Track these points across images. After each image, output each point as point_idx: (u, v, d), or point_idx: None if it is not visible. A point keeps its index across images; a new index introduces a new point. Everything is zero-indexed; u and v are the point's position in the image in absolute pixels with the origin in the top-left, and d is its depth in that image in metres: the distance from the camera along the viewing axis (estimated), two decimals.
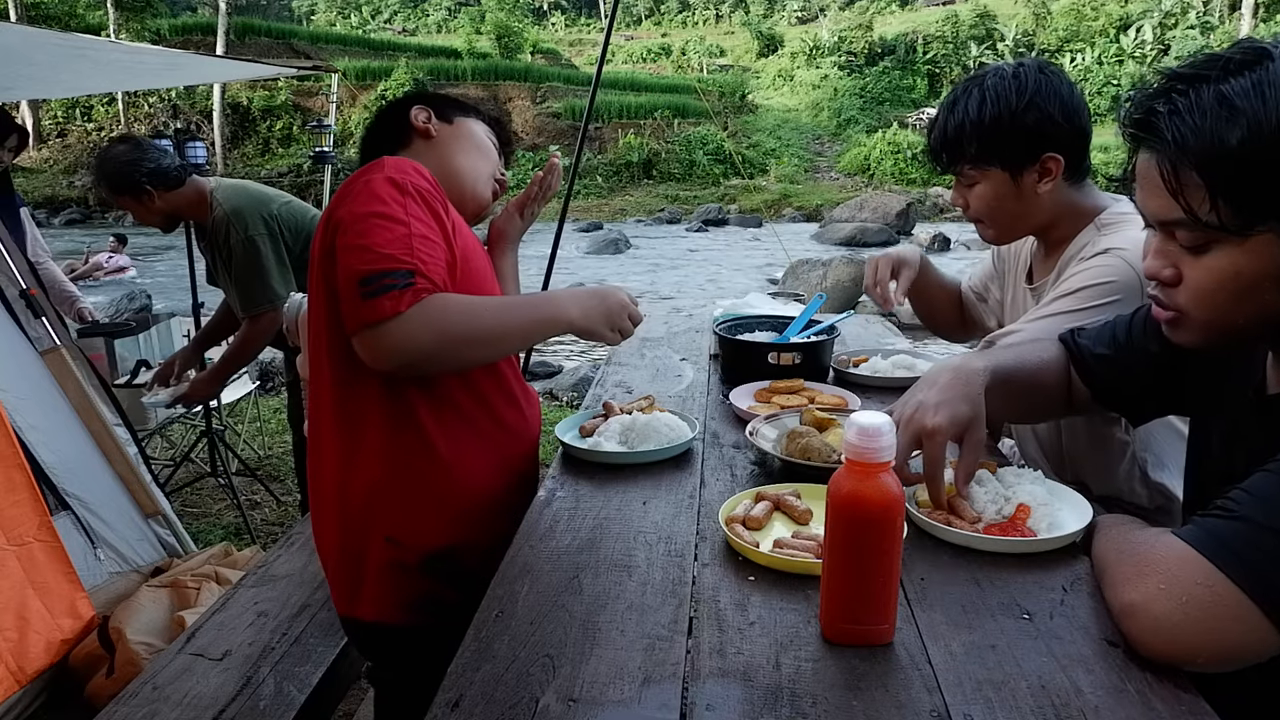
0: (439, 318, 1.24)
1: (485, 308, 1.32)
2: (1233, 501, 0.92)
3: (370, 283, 1.21)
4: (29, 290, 2.87)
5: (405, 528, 1.40)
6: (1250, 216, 0.91)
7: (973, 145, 1.58)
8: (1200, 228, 0.94)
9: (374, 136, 1.59)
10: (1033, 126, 1.54)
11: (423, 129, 1.54)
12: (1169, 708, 0.84)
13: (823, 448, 1.39)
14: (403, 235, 1.25)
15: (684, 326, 2.56)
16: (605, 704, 0.86)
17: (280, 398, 6.01)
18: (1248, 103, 0.89)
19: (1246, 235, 0.92)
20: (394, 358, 1.24)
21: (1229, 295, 0.96)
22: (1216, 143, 0.90)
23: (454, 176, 1.53)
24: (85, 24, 23.04)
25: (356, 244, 1.25)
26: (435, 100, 1.61)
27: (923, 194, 23.31)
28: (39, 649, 2.41)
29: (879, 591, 0.93)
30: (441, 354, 1.27)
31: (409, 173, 1.32)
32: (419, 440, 1.37)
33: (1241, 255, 0.94)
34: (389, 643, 1.48)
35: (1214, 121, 0.90)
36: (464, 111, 1.62)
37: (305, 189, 23.48)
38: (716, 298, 7.04)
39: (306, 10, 51.93)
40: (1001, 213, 1.64)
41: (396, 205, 1.27)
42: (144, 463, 3.11)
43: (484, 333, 1.31)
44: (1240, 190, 0.90)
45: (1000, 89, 1.55)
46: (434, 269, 1.26)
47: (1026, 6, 32.82)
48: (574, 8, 55.30)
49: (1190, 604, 0.88)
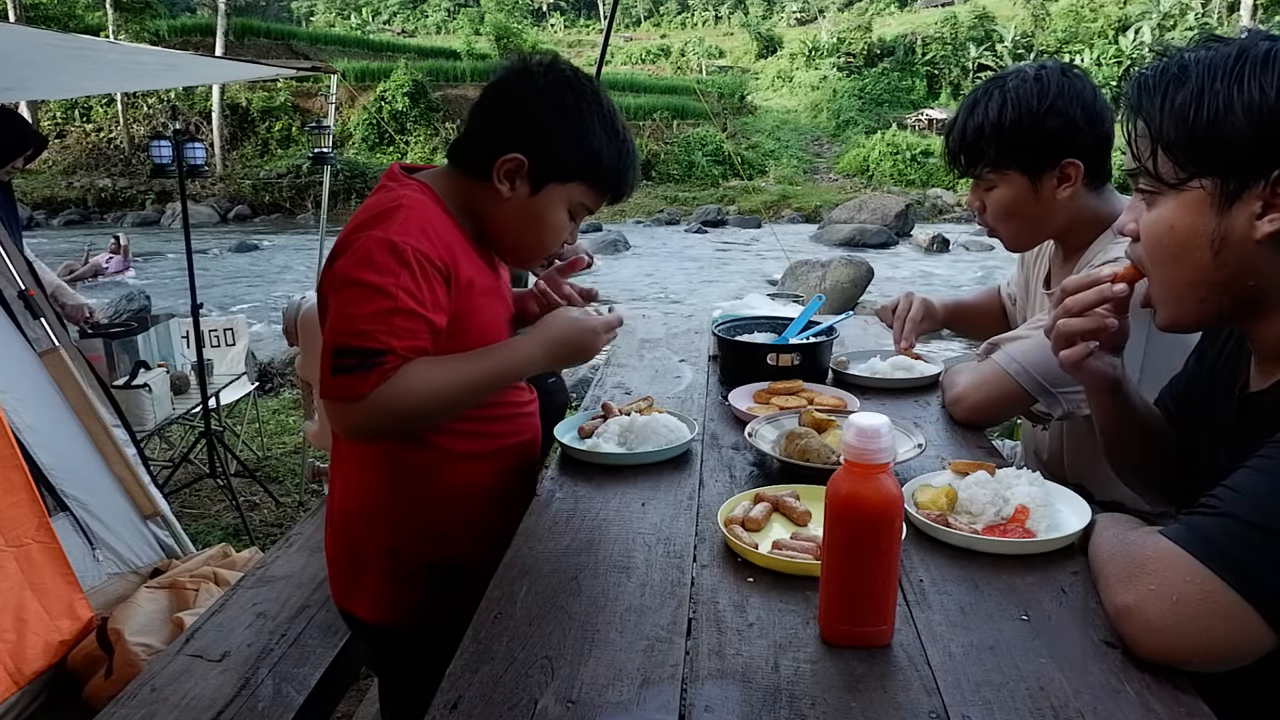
0: (400, 400, 1.22)
1: (449, 378, 1.28)
2: (1216, 499, 0.93)
3: (341, 356, 1.21)
4: (27, 291, 2.87)
5: (409, 540, 1.41)
6: (1184, 171, 1.00)
7: (992, 148, 1.56)
8: (1144, 174, 1.04)
9: (468, 146, 1.39)
10: (1053, 131, 1.52)
11: (497, 186, 1.34)
12: (1167, 709, 0.84)
13: (821, 449, 1.39)
14: (385, 310, 1.21)
15: (683, 328, 2.56)
16: (604, 705, 0.85)
17: (280, 398, 6.01)
18: (1199, 70, 0.99)
19: (1180, 188, 1.01)
20: (352, 434, 1.30)
21: (1165, 249, 1.05)
22: (1163, 99, 1.01)
23: (506, 236, 1.42)
24: (84, 25, 23.02)
25: (340, 309, 1.23)
26: (545, 152, 1.33)
27: (921, 195, 23.33)
28: (37, 650, 2.40)
29: (878, 593, 0.93)
30: (399, 429, 1.31)
31: (412, 234, 1.25)
32: (422, 451, 1.38)
33: (1177, 209, 1.02)
34: (391, 642, 1.49)
35: (1169, 81, 1.01)
36: (568, 174, 1.35)
37: (304, 190, 23.54)
38: (715, 299, 7.04)
39: (306, 11, 51.92)
40: (1019, 217, 1.63)
41: (388, 276, 1.21)
42: (143, 464, 3.10)
43: (447, 401, 1.30)
44: (1175, 144, 1.00)
45: (1022, 92, 1.53)
46: (411, 342, 1.23)
47: (1025, 8, 32.82)
48: (573, 9, 55.33)
49: (1181, 603, 0.88)
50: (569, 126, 1.34)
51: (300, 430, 4.84)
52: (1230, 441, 1.08)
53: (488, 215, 1.39)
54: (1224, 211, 0.98)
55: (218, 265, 15.73)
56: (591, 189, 1.39)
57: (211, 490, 4.24)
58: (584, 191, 1.39)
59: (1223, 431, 1.13)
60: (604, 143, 1.36)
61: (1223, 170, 0.97)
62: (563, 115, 1.34)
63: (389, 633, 1.47)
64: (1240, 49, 0.97)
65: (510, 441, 1.50)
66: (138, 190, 23.44)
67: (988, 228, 1.70)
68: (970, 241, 16.78)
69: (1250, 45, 0.97)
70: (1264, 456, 0.92)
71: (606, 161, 1.37)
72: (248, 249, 17.57)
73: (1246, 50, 0.96)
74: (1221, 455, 1.08)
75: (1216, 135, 0.96)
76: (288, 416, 5.54)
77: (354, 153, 24.92)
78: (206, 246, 17.22)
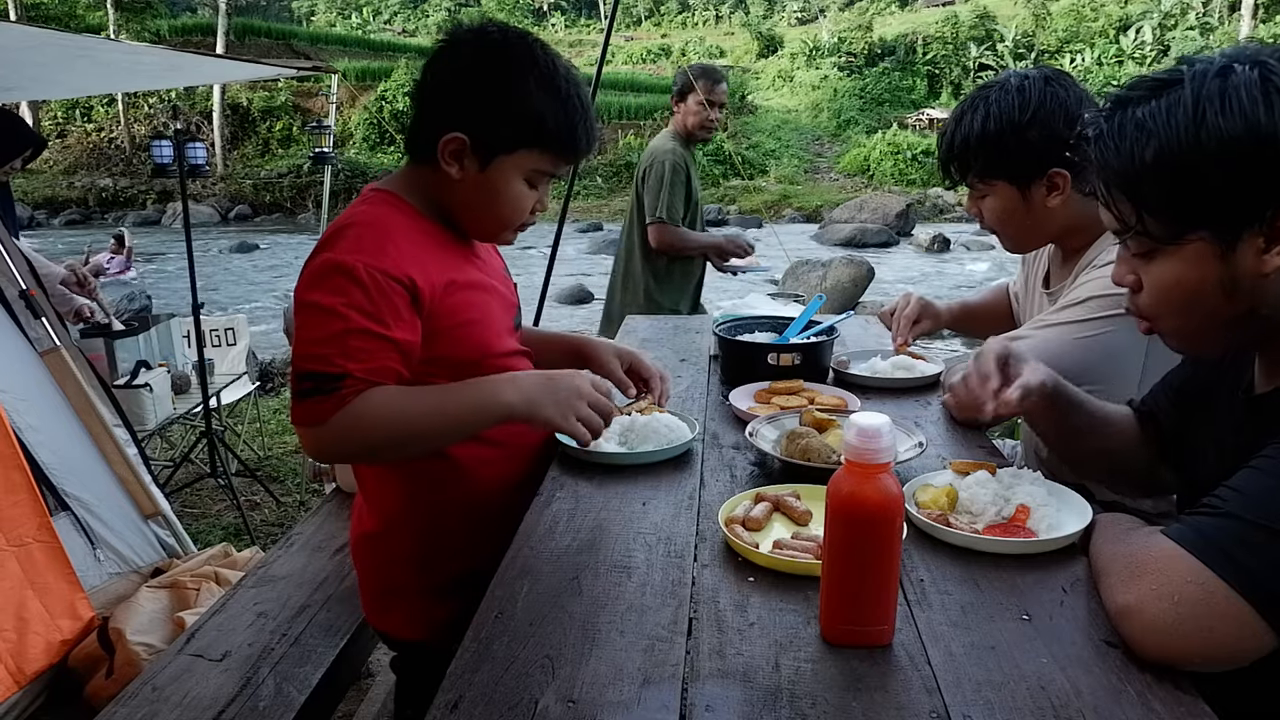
0: (362, 428, 1.19)
1: (415, 408, 1.24)
2: (1219, 499, 0.93)
3: (302, 380, 1.20)
4: (28, 291, 2.87)
5: (435, 553, 1.41)
6: (1177, 227, 0.97)
7: (978, 160, 1.58)
8: (1135, 235, 1.01)
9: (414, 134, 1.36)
10: (1035, 142, 1.52)
11: (444, 168, 1.31)
12: (1168, 709, 0.84)
13: (822, 448, 1.39)
14: (337, 332, 1.18)
15: (684, 327, 2.56)
16: (605, 705, 0.86)
17: (280, 398, 6.01)
18: (1159, 123, 0.95)
19: (1179, 244, 0.99)
20: (323, 458, 1.31)
21: (1176, 303, 1.02)
22: (1132, 161, 0.97)
23: (468, 217, 1.38)
24: (85, 24, 23.02)
25: (297, 334, 1.22)
26: (483, 125, 1.28)
27: (922, 195, 23.31)
28: (38, 650, 2.40)
29: (878, 592, 0.93)
30: (371, 456, 1.30)
31: (365, 251, 1.21)
32: (435, 461, 1.37)
33: (1180, 264, 1.00)
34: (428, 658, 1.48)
35: (1131, 142, 0.97)
36: (513, 144, 1.30)
37: (305, 190, 23.54)
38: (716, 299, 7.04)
39: (306, 11, 51.89)
40: (1013, 225, 1.64)
41: (337, 297, 1.18)
42: (144, 463, 3.10)
43: (410, 434, 1.25)
44: (1159, 203, 0.97)
45: (1004, 104, 1.53)
46: (370, 364, 1.19)
47: (1026, 7, 32.79)
48: (574, 8, 55.30)
49: (1182, 603, 0.88)
50: (502, 94, 1.28)
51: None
52: (1234, 442, 1.08)
53: (448, 201, 1.36)
54: (1228, 256, 0.96)
55: (219, 265, 15.74)
56: (543, 154, 1.32)
57: (212, 490, 4.24)
58: (536, 158, 1.32)
59: (1227, 432, 1.13)
60: (545, 103, 1.28)
61: (1215, 222, 0.95)
62: (494, 84, 1.28)
63: (423, 648, 1.46)
64: (1195, 97, 0.93)
65: (521, 442, 1.48)
66: (139, 190, 23.47)
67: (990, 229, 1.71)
68: (971, 241, 16.76)
69: (1200, 87, 0.94)
70: (1268, 457, 0.92)
71: (551, 123, 1.29)
72: (248, 249, 17.58)
73: (1200, 94, 0.93)
74: (1226, 456, 1.07)
75: (1200, 193, 0.94)
76: (288, 416, 5.53)
77: (355, 153, 24.92)
78: (207, 246, 17.23)
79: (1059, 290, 1.66)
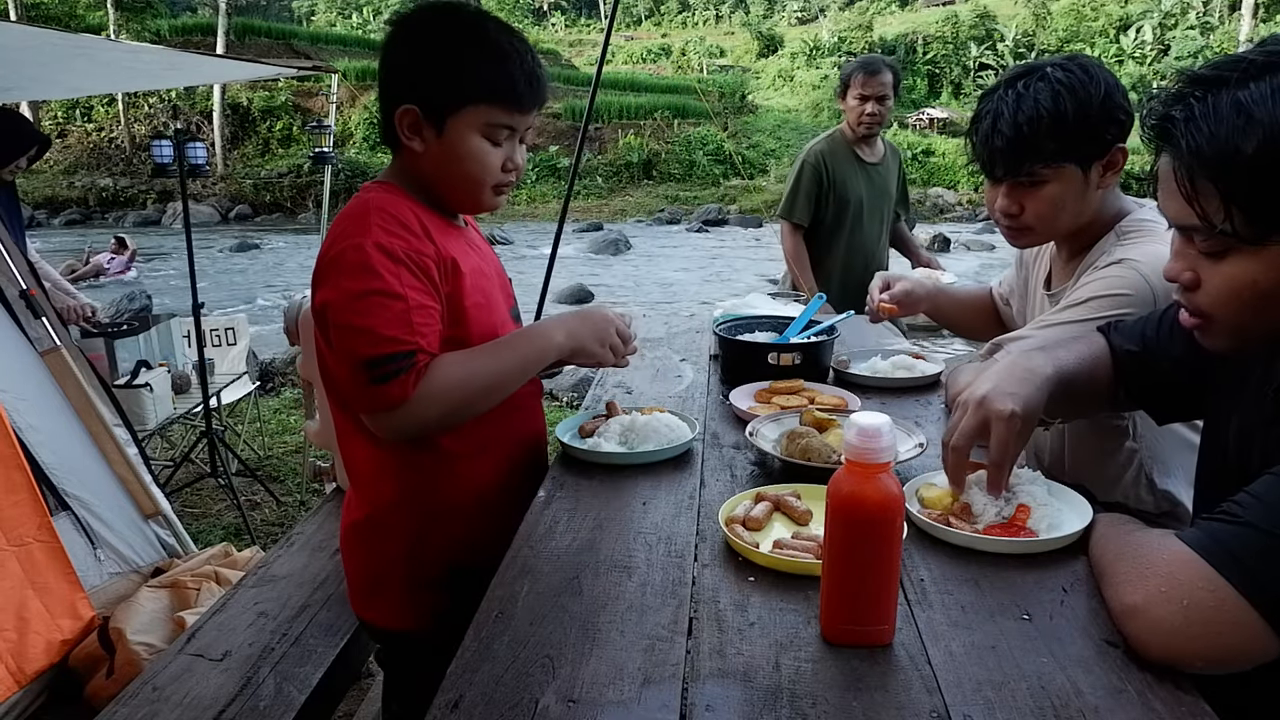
0: (443, 392, 1.26)
1: (480, 363, 1.32)
2: (1238, 505, 0.91)
3: (377, 366, 1.22)
4: (29, 290, 2.87)
5: (425, 544, 1.41)
6: (1265, 227, 0.90)
7: (1051, 141, 1.45)
8: (1216, 235, 0.93)
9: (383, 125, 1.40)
10: (1111, 117, 1.45)
11: (407, 144, 1.35)
12: (1168, 708, 0.84)
13: (822, 448, 1.39)
14: (402, 311, 1.23)
15: (684, 327, 2.56)
16: (605, 704, 0.86)
17: (281, 397, 6.01)
18: (1265, 110, 0.87)
19: (1262, 245, 0.91)
20: (407, 435, 1.31)
21: (1247, 304, 0.96)
22: (1231, 151, 0.88)
23: (445, 187, 1.40)
24: (85, 24, 23.04)
25: (359, 325, 1.23)
26: (426, 91, 1.32)
27: (922, 194, 23.30)
28: (39, 649, 2.40)
29: (879, 592, 0.93)
30: (450, 419, 1.33)
31: (395, 232, 1.27)
32: (427, 452, 1.38)
33: (1258, 265, 0.93)
34: (410, 648, 1.50)
35: (1229, 129, 0.89)
36: (460, 102, 1.32)
37: (305, 190, 23.55)
38: (716, 298, 7.05)
39: (306, 11, 51.90)
40: (1066, 213, 1.53)
41: (392, 278, 1.24)
42: (144, 463, 3.10)
43: (483, 388, 1.33)
44: (1255, 200, 0.89)
45: (1071, 80, 1.43)
46: (432, 336, 1.27)
47: (1026, 7, 32.81)
48: (574, 8, 55.30)
49: (1191, 608, 0.87)
50: (435, 57, 1.32)
51: (301, 429, 4.84)
52: (1263, 439, 1.05)
53: (426, 178, 1.38)
54: None
55: (219, 265, 15.74)
56: (490, 106, 1.33)
57: (213, 490, 4.24)
58: (485, 111, 1.33)
59: (1255, 428, 1.09)
60: (478, 55, 1.32)
61: None
62: (426, 49, 1.33)
63: (408, 639, 1.47)
64: None
65: (515, 434, 1.50)
66: (139, 190, 23.48)
67: (1010, 228, 1.59)
68: (971, 241, 16.78)
69: None
70: None
71: (487, 73, 1.32)
72: (249, 248, 17.59)
73: None
74: (1255, 453, 1.05)
75: None
76: (289, 416, 5.54)
77: (355, 152, 24.92)
78: (208, 246, 17.24)
79: (1060, 292, 1.65)
